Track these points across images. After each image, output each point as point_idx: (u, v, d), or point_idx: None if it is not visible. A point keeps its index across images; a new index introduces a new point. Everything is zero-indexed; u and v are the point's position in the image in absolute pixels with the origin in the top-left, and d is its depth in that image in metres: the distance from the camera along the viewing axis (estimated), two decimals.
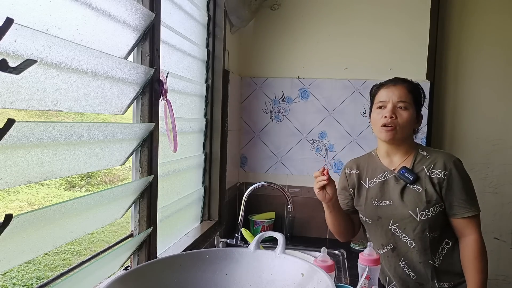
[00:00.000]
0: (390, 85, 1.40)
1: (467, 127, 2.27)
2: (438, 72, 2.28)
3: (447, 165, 1.35)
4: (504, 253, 2.27)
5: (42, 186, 5.60)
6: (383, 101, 1.38)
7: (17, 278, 4.06)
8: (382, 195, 1.42)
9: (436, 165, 1.36)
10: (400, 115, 1.35)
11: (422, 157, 1.40)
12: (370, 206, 1.45)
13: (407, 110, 1.36)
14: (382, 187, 1.43)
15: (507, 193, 2.25)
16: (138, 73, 1.10)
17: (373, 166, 1.48)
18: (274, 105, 2.24)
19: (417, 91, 1.41)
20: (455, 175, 1.34)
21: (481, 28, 2.24)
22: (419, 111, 1.42)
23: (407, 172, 1.37)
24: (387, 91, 1.39)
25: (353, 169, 1.52)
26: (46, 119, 4.99)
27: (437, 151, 1.43)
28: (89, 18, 0.90)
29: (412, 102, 1.38)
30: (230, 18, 1.94)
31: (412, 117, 1.37)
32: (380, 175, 1.45)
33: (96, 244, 4.87)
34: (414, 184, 1.37)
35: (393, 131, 1.35)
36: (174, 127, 1.26)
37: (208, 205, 1.91)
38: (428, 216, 1.34)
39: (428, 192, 1.35)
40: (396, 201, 1.38)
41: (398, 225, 1.38)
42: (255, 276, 0.98)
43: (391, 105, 1.36)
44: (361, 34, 2.14)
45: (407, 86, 1.39)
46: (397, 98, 1.36)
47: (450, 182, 1.34)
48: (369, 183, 1.47)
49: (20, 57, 0.68)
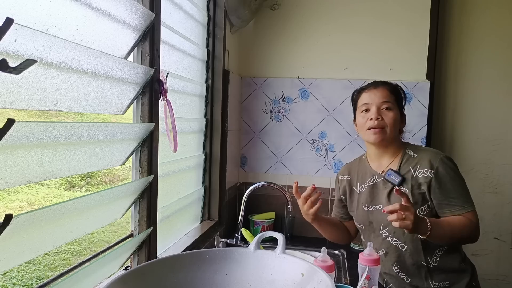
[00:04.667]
0: (371, 88, 1.41)
1: (467, 127, 2.27)
2: (438, 72, 2.28)
3: (434, 163, 1.32)
4: (504, 253, 2.27)
5: (42, 186, 5.60)
6: (367, 103, 1.38)
7: (17, 278, 4.06)
8: (372, 200, 1.42)
9: (422, 165, 1.33)
10: (386, 115, 1.36)
11: (409, 157, 1.38)
12: (361, 211, 1.45)
13: (392, 110, 1.36)
14: (372, 191, 1.43)
15: (507, 193, 2.25)
16: (138, 73, 1.10)
17: (363, 170, 1.48)
18: (274, 105, 2.24)
19: (397, 91, 1.42)
20: (442, 174, 1.30)
21: (481, 28, 2.24)
22: (402, 111, 1.43)
23: (393, 174, 1.36)
24: (369, 93, 1.39)
25: (345, 175, 1.54)
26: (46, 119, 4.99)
27: (424, 149, 1.40)
28: (89, 18, 0.90)
29: (395, 102, 1.38)
30: (230, 18, 1.94)
31: (398, 117, 1.38)
32: (369, 179, 1.44)
33: (96, 244, 4.87)
34: (401, 186, 1.34)
35: (381, 132, 1.35)
36: (174, 127, 1.26)
37: (208, 205, 1.91)
38: None
39: (414, 193, 1.33)
40: (384, 205, 1.36)
41: (388, 229, 1.37)
42: (255, 276, 0.98)
43: (375, 107, 1.36)
44: (361, 33, 2.14)
45: (388, 87, 1.40)
46: (380, 100, 1.36)
47: (437, 180, 1.30)
48: (360, 188, 1.47)
49: (20, 57, 0.68)
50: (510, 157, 2.24)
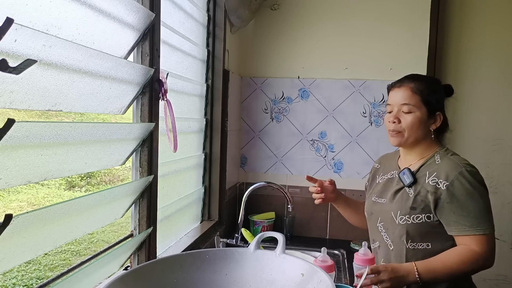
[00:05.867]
0: (396, 86, 1.34)
1: (467, 127, 2.27)
2: (438, 72, 2.28)
3: (450, 175, 1.22)
4: (504, 253, 2.27)
5: (42, 186, 5.60)
6: (390, 104, 1.34)
7: (17, 278, 4.06)
8: (382, 193, 1.41)
9: (440, 174, 1.25)
10: (404, 119, 1.29)
11: (432, 162, 1.30)
12: (369, 201, 1.45)
13: (412, 113, 1.28)
14: (386, 185, 1.41)
15: (507, 193, 2.25)
16: (138, 73, 1.10)
17: (391, 163, 1.46)
18: (274, 105, 2.24)
19: (426, 89, 1.29)
20: (457, 187, 1.20)
21: (481, 28, 2.24)
22: (433, 110, 1.30)
23: (406, 174, 1.31)
24: (393, 93, 1.33)
25: (377, 163, 1.55)
26: (46, 119, 4.99)
27: (450, 158, 1.29)
28: (89, 18, 0.90)
29: (420, 103, 1.28)
30: (230, 18, 1.94)
31: (420, 120, 1.28)
32: (389, 172, 1.43)
33: (96, 244, 4.87)
34: (410, 187, 1.30)
35: (399, 137, 1.31)
36: (174, 127, 1.26)
37: (208, 205, 1.91)
38: (407, 222, 1.27)
39: (417, 198, 1.26)
40: (387, 200, 1.36)
41: (383, 224, 1.36)
42: (255, 276, 0.98)
43: (395, 110, 1.31)
44: (361, 33, 2.14)
45: (413, 86, 1.29)
46: (400, 101, 1.30)
47: (450, 194, 1.21)
48: (380, 179, 1.46)
49: (20, 57, 0.67)
50: (510, 157, 2.24)
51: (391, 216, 1.31)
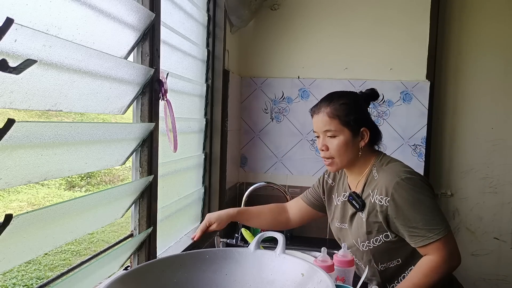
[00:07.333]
0: (315, 113, 1.29)
1: (467, 127, 2.27)
2: (438, 72, 2.28)
3: (388, 189, 1.17)
4: (504, 253, 2.27)
5: (42, 186, 5.60)
6: (315, 131, 1.31)
7: (17, 278, 4.06)
8: (342, 218, 1.36)
9: (381, 190, 1.19)
10: (331, 144, 1.25)
11: (372, 178, 1.25)
12: (334, 226, 1.42)
13: (336, 137, 1.24)
14: (343, 208, 1.36)
15: (507, 193, 2.25)
16: (138, 73, 1.10)
17: (343, 183, 1.40)
18: (274, 105, 2.24)
19: (343, 112, 1.23)
20: (398, 201, 1.15)
21: (481, 28, 2.24)
22: (357, 128, 1.25)
23: (354, 199, 1.27)
24: (314, 119, 1.30)
25: (330, 179, 1.46)
26: (46, 119, 4.99)
27: (385, 170, 1.23)
28: (89, 18, 0.90)
29: (340, 126, 1.23)
30: (230, 18, 1.94)
31: (345, 142, 1.23)
32: (343, 194, 1.37)
33: (96, 244, 4.87)
34: (362, 211, 1.25)
35: (333, 165, 1.28)
36: (174, 127, 1.26)
37: (208, 205, 1.91)
38: (369, 248, 1.24)
39: (369, 221, 1.22)
40: (347, 227, 1.33)
41: (351, 250, 1.32)
42: (255, 276, 0.98)
43: (321, 136, 1.28)
44: (361, 34, 2.14)
45: (329, 111, 1.24)
46: (321, 128, 1.26)
47: (394, 209, 1.16)
48: (337, 200, 1.41)
49: (20, 57, 0.68)
50: (510, 157, 2.24)
51: (354, 243, 1.29)
